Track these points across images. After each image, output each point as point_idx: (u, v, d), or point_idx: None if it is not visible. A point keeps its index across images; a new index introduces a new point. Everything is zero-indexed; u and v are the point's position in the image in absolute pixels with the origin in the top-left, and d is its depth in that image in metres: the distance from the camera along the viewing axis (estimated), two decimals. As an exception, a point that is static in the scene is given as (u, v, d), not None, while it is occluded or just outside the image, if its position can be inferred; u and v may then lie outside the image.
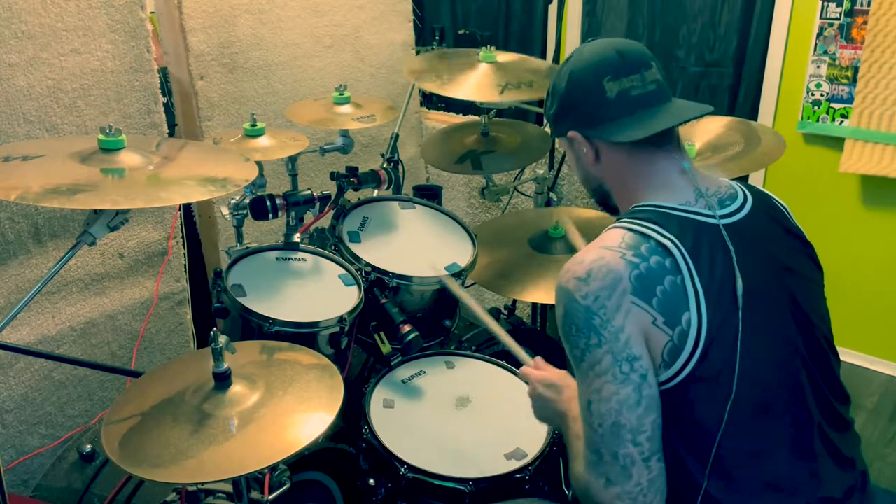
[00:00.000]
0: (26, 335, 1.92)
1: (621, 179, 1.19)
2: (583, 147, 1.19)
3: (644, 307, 1.03)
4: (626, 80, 1.14)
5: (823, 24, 2.45)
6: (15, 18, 1.76)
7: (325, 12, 2.64)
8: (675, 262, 1.05)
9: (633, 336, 1.03)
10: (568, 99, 1.19)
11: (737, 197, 1.17)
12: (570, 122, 1.19)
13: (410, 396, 1.75)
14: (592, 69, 1.15)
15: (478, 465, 1.53)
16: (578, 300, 1.05)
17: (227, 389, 1.26)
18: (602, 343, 1.03)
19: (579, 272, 1.06)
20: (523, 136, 2.34)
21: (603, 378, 1.04)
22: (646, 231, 1.07)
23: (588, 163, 1.21)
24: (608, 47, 1.17)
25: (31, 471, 1.95)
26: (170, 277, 2.24)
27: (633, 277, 1.04)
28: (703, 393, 1.04)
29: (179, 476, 1.13)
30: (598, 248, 1.08)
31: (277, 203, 1.82)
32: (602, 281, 1.04)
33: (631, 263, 1.04)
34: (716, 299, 1.04)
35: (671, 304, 1.03)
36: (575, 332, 1.06)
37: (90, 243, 1.35)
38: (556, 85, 1.21)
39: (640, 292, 1.03)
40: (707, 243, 1.08)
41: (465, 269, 1.91)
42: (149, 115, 2.09)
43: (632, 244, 1.07)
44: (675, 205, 1.12)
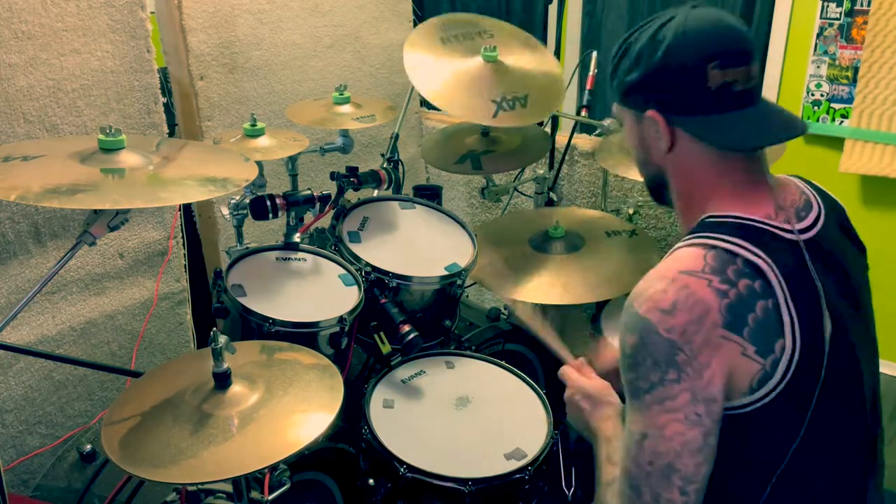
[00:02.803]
0: (26, 335, 1.92)
1: (693, 179, 1.07)
2: (658, 131, 1.05)
3: (734, 339, 0.94)
4: (733, 72, 0.99)
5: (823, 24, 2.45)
6: (15, 18, 1.76)
7: (325, 12, 2.64)
8: (767, 283, 0.95)
9: (717, 375, 0.94)
10: (660, 74, 1.02)
11: (811, 206, 1.08)
12: (652, 99, 1.05)
13: (410, 396, 1.75)
14: (698, 49, 1.00)
15: (478, 465, 1.52)
16: (661, 333, 0.94)
17: (227, 389, 1.26)
18: (682, 380, 0.94)
19: (663, 303, 0.95)
20: (523, 136, 2.34)
21: (672, 416, 0.94)
22: (731, 248, 0.97)
23: (657, 149, 1.08)
24: (720, 25, 1.01)
25: (31, 471, 1.95)
26: (170, 277, 2.24)
27: (723, 308, 0.94)
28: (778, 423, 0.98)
29: (179, 476, 1.13)
30: (680, 273, 0.96)
31: (277, 203, 1.82)
32: (689, 314, 0.94)
33: (719, 292, 0.94)
34: (807, 325, 0.96)
35: (764, 332, 0.95)
36: (651, 364, 0.95)
37: (90, 243, 1.35)
38: (646, 51, 1.03)
39: (731, 324, 0.94)
40: (794, 262, 0.98)
41: (465, 269, 1.91)
42: (149, 115, 2.09)
43: (716, 267, 0.96)
44: (758, 218, 1.01)
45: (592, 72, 2.44)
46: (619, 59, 1.08)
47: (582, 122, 2.39)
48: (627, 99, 1.09)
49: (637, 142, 1.12)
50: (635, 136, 1.12)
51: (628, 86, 1.07)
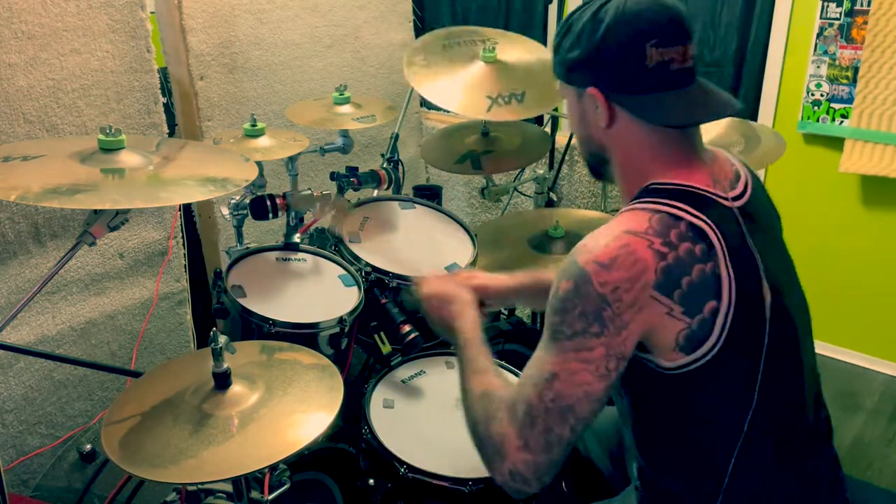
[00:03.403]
0: (26, 335, 1.92)
1: (632, 154, 1.10)
2: (596, 107, 1.08)
3: (663, 300, 0.98)
4: (670, 51, 1.03)
5: (823, 24, 2.45)
6: (15, 18, 1.76)
7: (325, 12, 2.64)
8: (709, 246, 0.99)
9: (634, 334, 0.99)
10: (599, 52, 1.05)
11: (740, 175, 1.12)
12: (592, 76, 1.07)
13: (410, 396, 1.75)
14: (636, 28, 1.02)
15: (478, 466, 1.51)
16: (595, 285, 0.97)
17: (227, 389, 1.26)
18: (603, 334, 0.98)
19: (602, 257, 0.98)
20: (523, 136, 2.34)
21: (584, 366, 0.99)
22: (675, 212, 1.01)
23: (596, 125, 1.11)
24: (658, 5, 1.04)
25: (31, 471, 1.95)
26: (170, 277, 2.24)
27: (659, 270, 0.98)
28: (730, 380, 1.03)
29: (179, 476, 1.13)
30: (624, 233, 1.00)
31: (277, 203, 1.82)
32: (626, 271, 0.97)
33: (659, 253, 0.98)
34: (745, 287, 1.01)
35: (695, 294, 0.99)
36: (578, 313, 0.99)
37: (90, 243, 1.35)
38: (587, 29, 1.06)
39: (663, 286, 0.98)
40: (732, 231, 1.03)
41: (465, 269, 1.91)
42: (149, 115, 2.09)
43: (659, 230, 1.00)
44: (699, 185, 1.05)
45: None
46: (562, 36, 1.10)
47: (582, 122, 2.38)
48: (569, 76, 1.12)
49: (578, 118, 1.15)
50: (576, 112, 1.14)
51: (570, 63, 1.09)
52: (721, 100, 1.09)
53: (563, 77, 1.13)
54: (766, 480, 1.08)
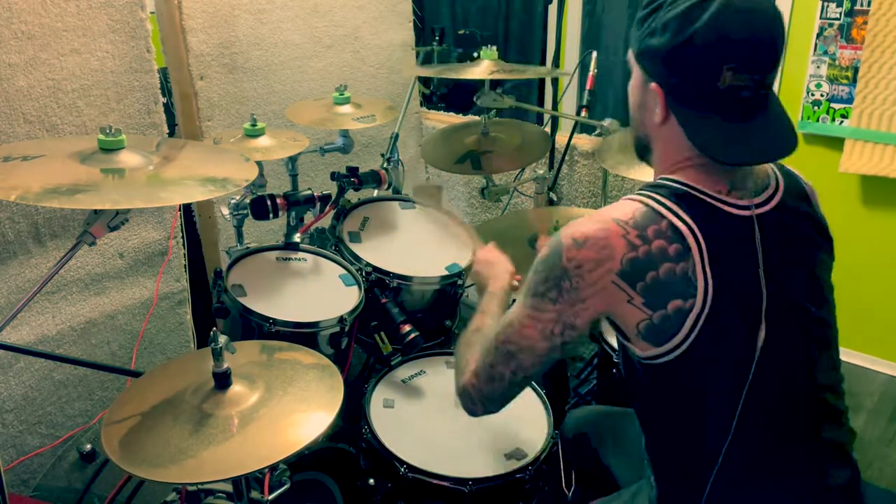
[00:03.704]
0: (26, 335, 1.92)
1: (670, 155, 1.10)
2: (655, 103, 1.07)
3: (624, 287, 1.02)
4: (744, 78, 0.99)
5: (823, 24, 2.45)
6: (15, 18, 1.76)
7: (325, 12, 2.63)
8: (686, 248, 1.00)
9: (589, 311, 1.05)
10: (676, 55, 1.01)
11: (768, 184, 1.10)
12: (661, 73, 1.04)
13: (410, 396, 1.75)
14: (719, 47, 0.98)
15: (478, 465, 1.53)
16: (563, 258, 1.04)
17: (227, 389, 1.26)
18: (557, 301, 1.05)
19: (578, 234, 1.04)
20: (523, 136, 2.34)
21: (533, 323, 1.08)
22: (662, 210, 1.03)
23: (649, 117, 1.10)
24: (753, 23, 0.99)
25: (31, 471, 1.95)
26: (170, 277, 2.24)
27: (625, 260, 1.02)
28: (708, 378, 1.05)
29: (179, 476, 1.13)
30: (608, 219, 1.04)
31: (277, 203, 1.82)
32: (595, 253, 1.02)
33: (630, 244, 1.02)
34: (730, 296, 1.01)
35: (659, 290, 1.01)
36: (543, 277, 1.07)
37: (90, 243, 1.35)
38: (674, 25, 1.00)
39: (627, 276, 1.02)
40: (729, 235, 1.03)
41: (465, 269, 1.91)
42: (149, 115, 2.09)
43: (640, 222, 1.02)
44: (707, 191, 1.05)
45: (592, 72, 2.44)
46: (649, 13, 1.05)
47: (582, 122, 2.39)
48: (642, 58, 1.08)
49: (637, 103, 1.14)
50: (638, 97, 1.13)
51: (646, 48, 1.05)
52: (776, 140, 1.05)
53: (636, 52, 1.10)
54: (748, 488, 1.07)
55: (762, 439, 1.07)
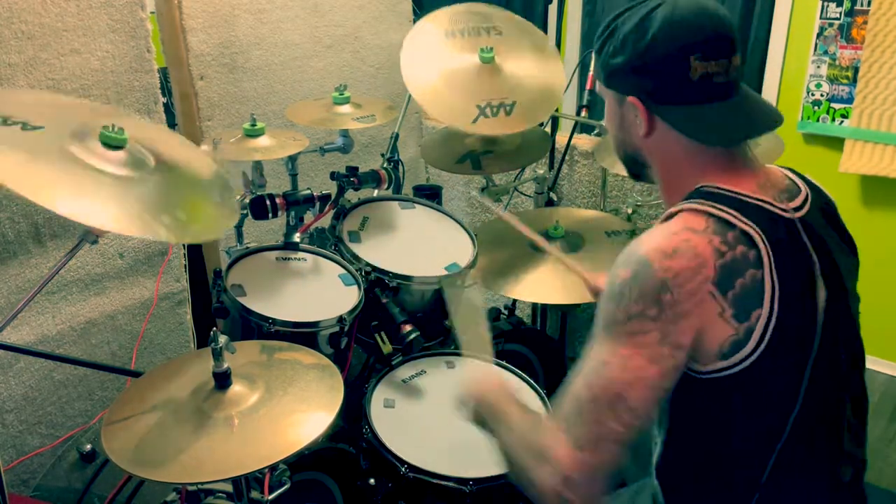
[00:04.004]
0: (26, 335, 1.92)
1: (673, 162, 1.09)
2: (636, 115, 1.08)
3: (718, 298, 0.97)
4: (714, 64, 1.01)
5: (823, 24, 2.45)
6: (15, 18, 1.76)
7: (325, 12, 2.63)
8: (759, 254, 0.98)
9: (691, 327, 0.97)
10: (643, 61, 1.04)
11: (798, 190, 1.09)
12: (633, 84, 1.06)
13: (411, 396, 1.75)
14: (682, 40, 1.01)
15: (478, 465, 1.52)
16: (656, 269, 0.96)
17: (227, 389, 1.26)
18: (659, 319, 0.96)
19: (665, 246, 0.98)
20: (523, 136, 2.34)
21: (638, 350, 0.96)
22: (729, 218, 0.99)
23: (635, 132, 1.10)
24: (703, 16, 1.02)
25: (31, 471, 1.95)
26: (170, 277, 2.23)
27: (717, 266, 0.97)
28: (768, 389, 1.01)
29: (179, 476, 1.13)
30: (683, 229, 0.99)
31: (277, 203, 1.82)
32: (688, 261, 0.96)
33: (718, 251, 0.97)
34: (792, 301, 0.99)
35: (745, 299, 0.97)
36: (637, 295, 0.97)
37: (92, 241, 1.35)
38: (632, 37, 1.04)
39: (721, 283, 0.97)
40: (786, 238, 1.01)
41: (465, 269, 1.91)
42: (149, 116, 2.09)
43: (718, 230, 0.99)
44: (747, 192, 1.03)
45: (592, 72, 2.44)
46: (605, 39, 1.09)
47: (582, 122, 2.39)
48: (610, 80, 1.11)
49: (617, 123, 1.14)
50: (615, 116, 1.14)
51: (612, 69, 1.08)
52: (763, 113, 1.08)
53: (603, 80, 1.12)
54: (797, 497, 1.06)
55: (806, 446, 1.05)
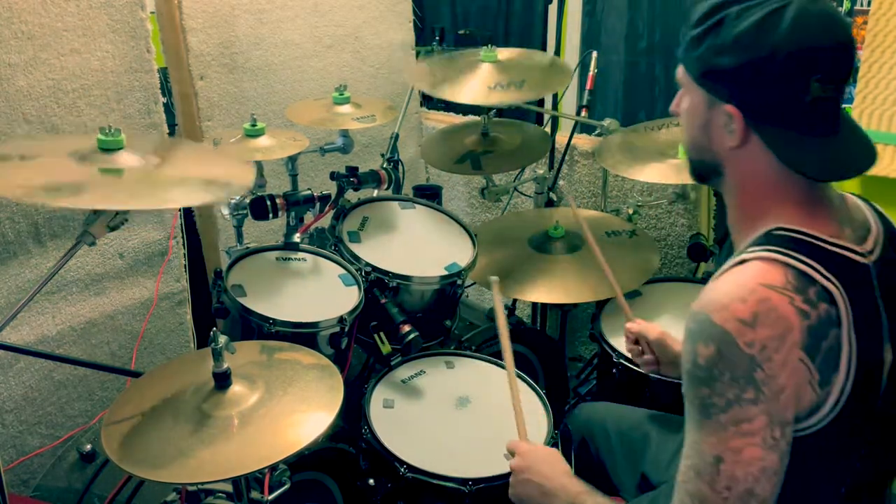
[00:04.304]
0: (26, 335, 1.92)
1: (753, 181, 0.99)
2: (729, 125, 0.97)
3: (808, 364, 0.89)
4: (829, 88, 0.91)
5: (823, 24, 2.45)
6: (15, 18, 1.76)
7: (325, 12, 2.63)
8: (838, 312, 0.90)
9: (791, 398, 0.89)
10: (756, 72, 0.92)
11: (870, 227, 1.01)
12: (737, 93, 0.95)
13: (410, 396, 1.75)
14: (806, 57, 0.90)
15: (478, 465, 1.52)
16: (742, 346, 0.87)
17: (227, 389, 1.26)
18: (759, 400, 0.88)
19: (743, 313, 0.88)
20: (523, 136, 2.34)
21: (748, 439, 0.88)
22: (810, 272, 0.91)
23: (719, 140, 0.99)
24: (832, 29, 0.91)
25: (31, 471, 1.95)
26: (170, 277, 2.23)
27: (804, 329, 0.89)
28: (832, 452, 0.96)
29: (179, 476, 1.13)
30: (760, 286, 0.89)
31: (277, 203, 1.82)
32: (772, 329, 0.87)
33: (801, 312, 0.89)
34: (864, 362, 0.92)
35: (829, 363, 0.90)
36: (728, 380, 0.88)
37: (90, 243, 1.35)
38: (747, 39, 0.91)
39: (810, 347, 0.89)
40: (862, 290, 0.93)
41: (465, 269, 1.91)
42: (149, 115, 2.09)
43: (798, 286, 0.90)
44: (826, 237, 0.94)
45: (592, 72, 2.44)
46: (708, 30, 0.95)
47: (582, 122, 2.39)
48: (706, 80, 0.98)
49: (699, 124, 1.02)
50: (699, 117, 1.02)
51: (712, 68, 0.96)
52: (863, 147, 0.98)
53: (695, 75, 0.99)
54: None
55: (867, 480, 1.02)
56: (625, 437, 1.52)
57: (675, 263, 2.62)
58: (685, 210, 2.53)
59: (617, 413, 1.60)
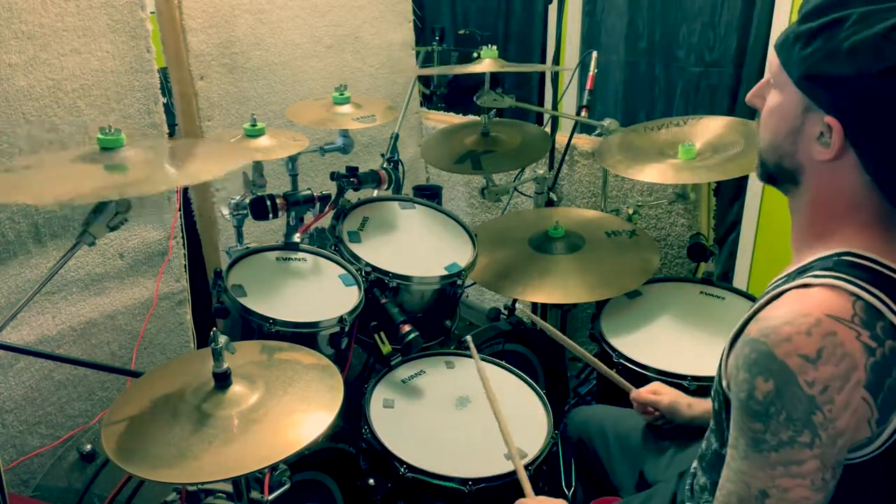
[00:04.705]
0: (26, 335, 1.92)
1: (834, 196, 0.93)
2: (824, 136, 0.89)
3: (870, 403, 0.85)
4: None
5: (823, 24, 2.45)
6: (15, 18, 1.76)
7: (325, 12, 2.63)
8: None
9: (847, 441, 0.86)
10: (873, 87, 0.83)
11: None
12: (842, 105, 0.87)
13: (410, 396, 1.75)
14: None
15: (478, 465, 1.53)
16: (802, 386, 0.83)
17: (227, 389, 1.26)
18: (814, 445, 0.84)
19: (806, 348, 0.83)
20: (523, 136, 2.34)
21: (797, 481, 0.86)
22: (880, 307, 0.86)
23: (807, 149, 0.92)
24: None
25: (31, 471, 1.95)
26: (170, 277, 2.23)
27: (869, 367, 0.84)
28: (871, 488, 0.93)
29: (179, 476, 1.13)
30: (826, 317, 0.84)
31: (277, 203, 1.82)
32: (836, 367, 0.83)
33: (868, 348, 0.84)
34: None
35: (890, 401, 0.86)
36: (784, 419, 0.85)
37: (90, 243, 1.35)
38: (866, 49, 0.82)
39: (873, 386, 0.84)
40: None
41: (465, 269, 1.91)
42: (149, 115, 2.09)
43: (867, 320, 0.85)
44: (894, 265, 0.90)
45: (592, 72, 2.44)
46: (822, 28, 0.86)
47: (582, 122, 2.39)
48: (808, 84, 0.89)
49: (787, 128, 0.94)
50: (790, 121, 0.93)
51: (818, 74, 0.87)
52: None
53: (795, 75, 0.90)
54: None
55: None
56: (622, 439, 1.52)
57: (675, 263, 2.62)
58: (685, 210, 2.53)
59: (613, 415, 1.60)
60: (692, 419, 1.44)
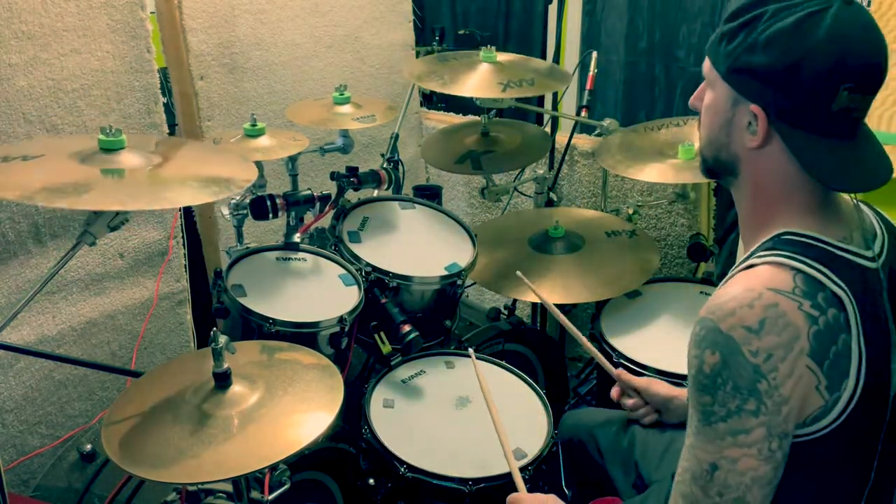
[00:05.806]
0: (26, 335, 1.92)
1: (769, 183, 0.98)
2: (752, 125, 0.95)
3: (815, 371, 0.89)
4: (857, 98, 0.90)
5: (823, 25, 2.45)
6: (15, 18, 1.76)
7: (325, 12, 2.63)
8: (847, 317, 0.90)
9: (794, 408, 0.89)
10: (788, 76, 0.89)
11: (876, 232, 1.01)
12: (764, 94, 0.93)
13: (410, 396, 1.75)
14: (839, 67, 0.88)
15: (478, 465, 1.53)
16: (746, 355, 0.87)
17: (227, 389, 1.26)
18: (760, 412, 0.88)
19: (749, 319, 0.88)
20: (523, 136, 2.34)
21: (745, 450, 0.89)
22: (819, 277, 0.90)
23: (739, 139, 0.98)
24: (869, 39, 0.90)
25: (31, 471, 1.95)
26: (170, 277, 2.23)
27: (811, 335, 0.88)
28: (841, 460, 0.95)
29: (179, 476, 1.13)
30: (768, 290, 0.89)
31: (277, 203, 1.82)
32: (778, 336, 0.87)
33: (810, 317, 0.88)
34: (874, 367, 0.91)
35: (838, 369, 0.90)
36: (730, 389, 0.88)
37: (90, 243, 1.35)
38: (782, 40, 0.89)
39: (817, 354, 0.88)
40: (870, 294, 0.93)
41: (465, 269, 1.91)
42: (149, 115, 2.09)
43: (807, 291, 0.89)
44: (835, 241, 0.94)
45: (592, 72, 2.45)
46: (742, 26, 0.93)
47: (582, 122, 2.39)
48: (733, 77, 0.96)
49: (720, 122, 1.00)
50: (721, 114, 1.00)
51: (742, 65, 0.94)
52: (880, 159, 0.98)
53: (723, 71, 0.97)
54: None
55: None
56: (614, 439, 1.52)
57: (675, 263, 2.63)
58: (685, 210, 2.53)
59: (603, 416, 1.60)
60: (667, 399, 1.44)
